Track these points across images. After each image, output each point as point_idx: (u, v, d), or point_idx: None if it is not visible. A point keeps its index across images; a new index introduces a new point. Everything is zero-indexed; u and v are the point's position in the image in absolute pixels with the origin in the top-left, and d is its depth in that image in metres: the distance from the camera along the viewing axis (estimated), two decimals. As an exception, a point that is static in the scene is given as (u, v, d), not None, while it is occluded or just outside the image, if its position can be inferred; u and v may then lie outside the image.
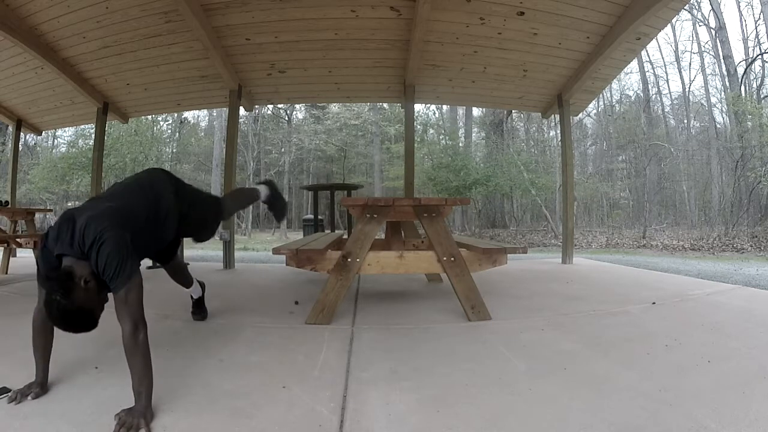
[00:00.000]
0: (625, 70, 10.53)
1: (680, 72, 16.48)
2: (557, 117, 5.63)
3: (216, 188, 15.04)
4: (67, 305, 1.20)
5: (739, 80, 12.87)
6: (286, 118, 20.06)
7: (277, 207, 2.45)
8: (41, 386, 1.35)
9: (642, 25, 3.79)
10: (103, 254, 1.26)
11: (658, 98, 17.04)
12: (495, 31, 4.09)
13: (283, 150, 19.16)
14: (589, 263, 5.17)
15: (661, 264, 5.53)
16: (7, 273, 4.07)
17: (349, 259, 2.23)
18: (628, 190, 14.61)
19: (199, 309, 2.31)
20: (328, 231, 6.50)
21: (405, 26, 4.01)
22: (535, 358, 1.69)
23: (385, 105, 16.04)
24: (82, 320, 1.24)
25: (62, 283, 1.22)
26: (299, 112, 20.63)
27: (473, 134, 17.57)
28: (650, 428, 1.13)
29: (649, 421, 1.16)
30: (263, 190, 2.36)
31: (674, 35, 16.76)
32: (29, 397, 1.31)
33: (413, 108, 5.32)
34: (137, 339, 1.24)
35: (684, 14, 14.65)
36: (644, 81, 16.59)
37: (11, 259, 4.31)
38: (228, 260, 4.61)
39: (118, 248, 1.28)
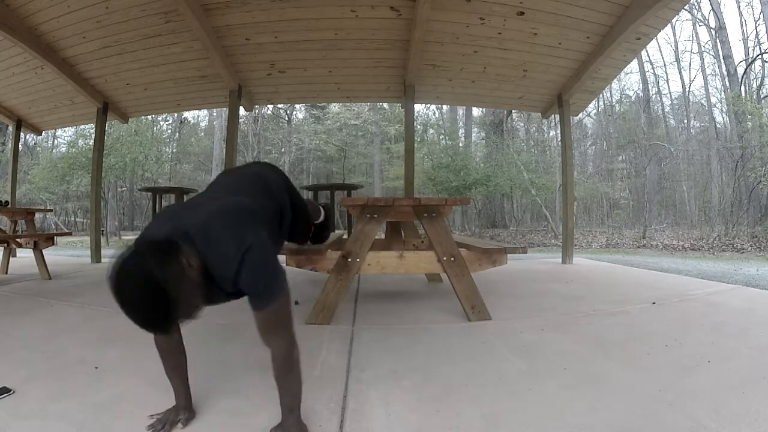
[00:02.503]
0: (625, 70, 10.52)
1: (680, 72, 16.47)
2: (557, 117, 5.63)
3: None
4: (154, 274, 0.86)
5: (739, 80, 12.86)
6: (286, 118, 20.06)
7: (321, 235, 2.29)
8: (187, 409, 1.19)
9: (642, 25, 3.79)
10: (249, 264, 1.02)
11: (658, 98, 17.02)
12: (495, 31, 4.09)
13: (283, 150, 19.16)
14: (589, 263, 5.17)
15: (661, 264, 5.52)
16: (7, 273, 4.07)
17: (349, 259, 2.23)
18: (628, 190, 14.59)
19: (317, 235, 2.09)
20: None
21: (405, 26, 4.01)
22: (535, 358, 1.69)
23: (385, 105, 16.02)
24: (162, 307, 0.88)
25: (161, 248, 0.92)
26: (299, 112, 20.62)
27: (473, 134, 17.56)
28: (650, 428, 1.13)
29: (649, 421, 1.16)
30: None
31: (674, 35, 16.76)
32: (179, 425, 1.15)
33: (413, 108, 5.32)
34: (293, 357, 1.11)
35: (684, 14, 14.65)
36: (644, 81, 16.58)
37: (11, 259, 4.31)
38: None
39: (267, 255, 1.08)
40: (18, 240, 3.82)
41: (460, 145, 14.51)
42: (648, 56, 16.42)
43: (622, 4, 3.72)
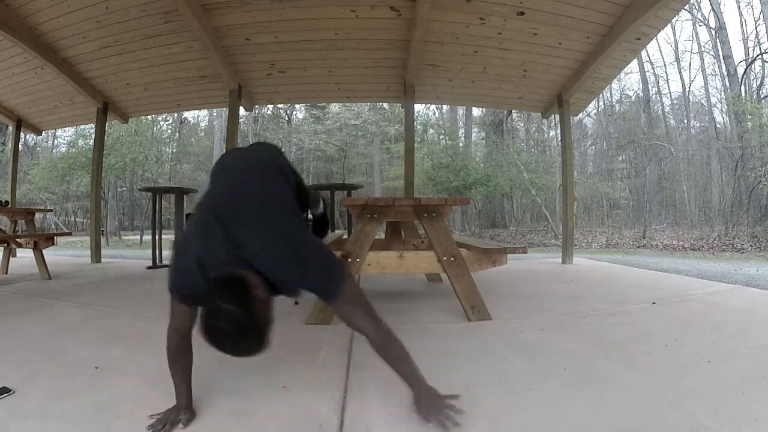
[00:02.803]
0: (625, 70, 10.52)
1: (680, 72, 16.46)
2: (557, 117, 5.63)
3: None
4: (243, 317, 0.94)
5: (739, 80, 12.87)
6: (286, 118, 20.07)
7: (321, 230, 2.22)
8: (187, 409, 1.19)
9: (642, 25, 3.79)
10: (302, 257, 1.07)
11: (658, 98, 17.02)
12: (495, 31, 4.09)
13: (283, 150, 19.13)
14: (589, 263, 5.17)
15: (661, 264, 5.52)
16: (7, 273, 4.07)
17: (349, 259, 2.22)
18: (628, 190, 14.58)
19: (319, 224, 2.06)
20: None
21: (405, 26, 4.02)
22: (535, 358, 1.69)
23: (385, 105, 16.03)
24: (258, 338, 0.99)
25: (235, 288, 0.97)
26: (299, 112, 20.63)
27: (473, 134, 17.56)
28: (650, 428, 1.13)
29: (649, 421, 1.16)
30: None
31: (674, 35, 16.75)
32: (180, 425, 1.14)
33: (413, 108, 5.32)
34: (387, 328, 1.15)
35: (684, 14, 14.65)
36: (644, 81, 16.58)
37: (11, 259, 4.31)
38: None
39: (315, 244, 1.12)
40: (18, 240, 3.82)
41: (460, 145, 14.51)
42: (648, 56, 16.44)
43: (622, 4, 3.72)
